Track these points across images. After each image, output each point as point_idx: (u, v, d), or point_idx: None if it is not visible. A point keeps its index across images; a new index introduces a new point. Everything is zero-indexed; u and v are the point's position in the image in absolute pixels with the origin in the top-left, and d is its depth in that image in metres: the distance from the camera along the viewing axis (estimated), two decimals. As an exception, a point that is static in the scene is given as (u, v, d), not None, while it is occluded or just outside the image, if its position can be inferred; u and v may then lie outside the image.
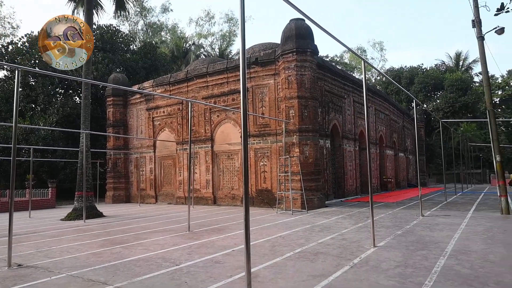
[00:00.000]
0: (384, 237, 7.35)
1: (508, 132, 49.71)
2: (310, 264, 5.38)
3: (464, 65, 49.15)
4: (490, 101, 12.21)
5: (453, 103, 40.73)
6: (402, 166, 29.80)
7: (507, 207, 11.05)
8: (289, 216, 11.60)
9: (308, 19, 5.28)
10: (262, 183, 15.44)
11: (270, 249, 6.47)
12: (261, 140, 15.54)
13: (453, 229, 8.21)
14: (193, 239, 7.68)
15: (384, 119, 25.37)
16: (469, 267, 5.01)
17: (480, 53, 12.02)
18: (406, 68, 48.52)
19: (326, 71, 17.06)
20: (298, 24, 14.21)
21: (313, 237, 7.60)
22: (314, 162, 14.03)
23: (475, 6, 11.64)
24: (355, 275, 4.77)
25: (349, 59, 51.46)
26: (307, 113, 14.00)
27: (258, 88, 15.79)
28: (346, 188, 18.77)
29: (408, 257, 5.67)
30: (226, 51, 44.09)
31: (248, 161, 13.73)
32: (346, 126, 19.12)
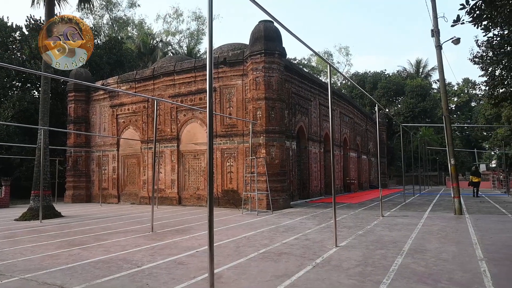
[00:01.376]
0: (346, 237, 7.56)
1: (463, 137, 52.62)
2: (273, 264, 5.44)
3: (423, 72, 51.52)
4: (446, 107, 12.87)
5: (413, 108, 42.56)
6: (364, 168, 30.75)
7: (460, 208, 11.69)
8: (254, 216, 11.65)
9: (276, 21, 5.34)
10: (228, 183, 15.41)
11: (234, 250, 6.47)
12: (228, 141, 15.51)
13: (410, 229, 8.57)
14: (156, 240, 7.54)
15: (349, 122, 26.08)
16: (424, 265, 5.25)
17: (438, 61, 12.65)
18: (370, 73, 50.16)
19: (293, 74, 17.30)
20: (267, 26, 14.31)
21: (277, 237, 7.68)
22: (280, 163, 14.18)
23: (434, 16, 12.23)
24: (317, 274, 4.86)
25: (316, 63, 52.44)
26: (274, 115, 14.13)
27: (226, 88, 15.75)
28: (311, 189, 19.11)
29: (368, 256, 5.86)
30: (195, 50, 43.63)
31: (214, 162, 13.61)
32: (312, 128, 19.48)
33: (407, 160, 34.14)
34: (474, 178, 20.80)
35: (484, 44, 12.56)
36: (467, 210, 12.68)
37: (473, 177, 21.09)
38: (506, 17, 8.11)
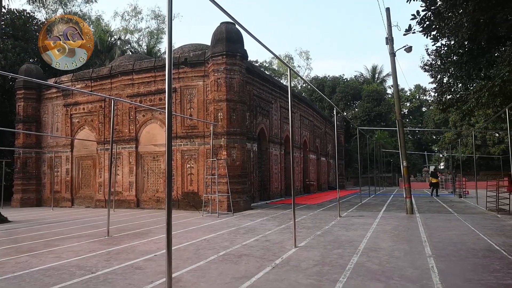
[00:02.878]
0: (305, 238, 7.71)
1: (414, 140, 55.47)
2: (233, 266, 5.43)
3: (379, 78, 53.73)
4: (399, 111, 13.52)
5: (369, 112, 44.28)
6: (323, 170, 31.54)
7: (411, 208, 12.32)
8: (215, 218, 11.58)
9: (237, 23, 5.36)
10: (189, 185, 15.21)
11: (194, 253, 6.40)
12: (188, 142, 15.32)
13: (366, 229, 8.90)
14: (112, 245, 7.28)
15: (308, 124, 26.65)
16: (378, 263, 5.47)
17: (392, 67, 13.27)
18: (329, 77, 51.57)
19: (255, 76, 17.42)
20: (229, 27, 14.32)
21: (237, 239, 7.68)
22: (241, 165, 14.21)
23: (388, 25, 12.83)
24: (276, 275, 4.92)
25: (277, 66, 53.06)
26: (235, 116, 14.14)
27: (186, 89, 15.55)
28: (272, 190, 19.31)
29: (326, 256, 6.02)
30: (155, 49, 42.64)
31: (174, 163, 13.39)
32: (273, 131, 19.70)
33: (363, 162, 35.45)
34: (433, 179, 22.67)
35: (433, 53, 13.34)
36: (418, 210, 13.37)
37: (432, 178, 23.00)
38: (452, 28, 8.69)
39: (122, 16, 43.59)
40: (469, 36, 10.05)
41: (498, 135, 35.21)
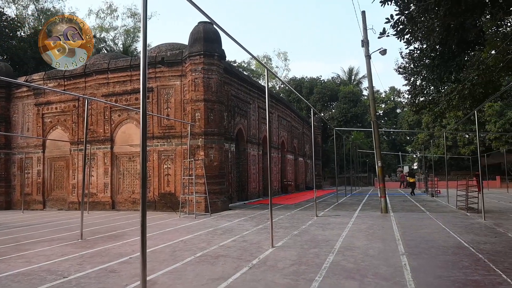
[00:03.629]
0: (282, 238, 7.76)
1: (389, 140, 56.80)
2: (210, 267, 5.41)
3: (355, 80, 54.74)
4: (374, 113, 13.81)
5: (345, 113, 45.01)
6: (301, 170, 31.83)
7: (386, 207, 12.61)
8: (192, 219, 11.49)
9: (214, 23, 5.34)
10: (166, 186, 15.02)
11: (170, 254, 6.33)
12: (165, 142, 15.13)
13: (342, 228, 9.05)
14: (85, 248, 7.10)
15: (286, 125, 26.83)
16: (353, 262, 5.57)
17: (367, 70, 13.55)
18: (307, 78, 52.08)
19: (233, 76, 17.40)
20: (207, 27, 14.24)
21: (215, 240, 7.65)
22: (219, 165, 14.16)
23: (364, 28, 13.09)
24: (253, 275, 4.93)
25: (255, 66, 53.16)
26: (213, 117, 14.08)
27: (163, 88, 15.35)
28: (250, 191, 19.33)
29: (302, 255, 6.08)
30: (131, 48, 41.89)
31: (150, 164, 13.17)
32: (251, 131, 19.72)
33: (340, 162, 36.00)
34: (410, 179, 23.85)
35: (406, 56, 13.71)
36: (392, 209, 13.70)
37: (409, 178, 24.15)
38: (425, 32, 8.96)
39: (97, 14, 42.56)
40: (441, 40, 10.40)
41: (468, 136, 36.54)
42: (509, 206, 14.65)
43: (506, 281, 4.49)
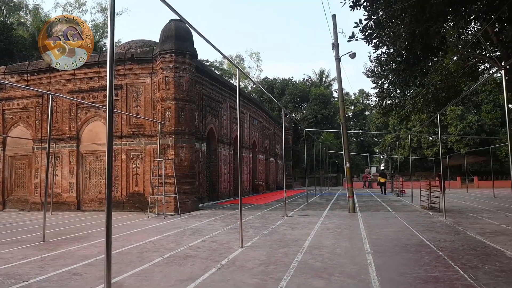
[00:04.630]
0: (251, 237, 7.79)
1: (358, 142, 58.23)
2: (179, 268, 5.35)
3: (326, 82, 55.71)
4: (344, 114, 14.12)
5: (316, 114, 45.73)
6: (272, 170, 32.05)
7: (353, 207, 12.93)
8: (161, 220, 11.32)
9: (185, 21, 5.29)
10: (134, 186, 14.70)
11: (137, 256, 6.20)
12: (134, 141, 14.80)
13: (311, 227, 9.19)
14: (48, 250, 6.84)
15: (258, 125, 26.93)
16: (320, 261, 5.68)
17: (337, 72, 13.84)
18: (279, 79, 52.48)
19: (204, 75, 17.27)
20: (178, 25, 14.06)
21: (184, 240, 7.57)
22: (189, 165, 14.01)
23: (334, 31, 13.36)
24: (222, 276, 4.93)
25: (228, 66, 53.04)
26: (184, 116, 13.92)
27: (133, 86, 15.02)
28: (220, 191, 19.26)
29: (271, 255, 6.13)
30: (99, 44, 40.67)
31: (119, 163, 12.84)
32: (222, 131, 19.66)
33: (310, 162, 36.54)
34: (381, 179, 25.01)
35: (375, 60, 14.11)
36: (360, 209, 14.06)
37: (380, 178, 25.28)
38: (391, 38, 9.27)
39: (63, 7, 41.02)
40: (406, 46, 10.79)
41: (432, 138, 38.08)
42: (468, 205, 15.39)
43: (463, 276, 4.73)
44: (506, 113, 6.79)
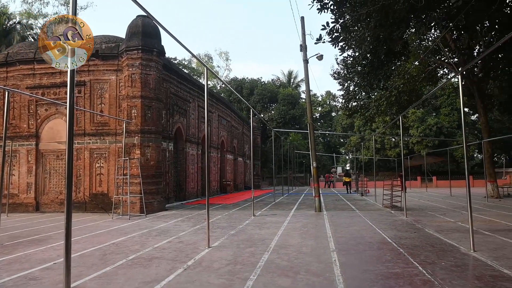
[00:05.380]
0: (219, 238, 7.75)
1: (325, 142, 59.39)
2: (143, 270, 5.23)
3: (294, 83, 56.43)
4: (311, 115, 14.36)
5: (284, 115, 46.22)
6: (240, 170, 32.05)
7: (320, 206, 13.18)
8: (126, 221, 11.03)
9: (152, 18, 5.19)
10: (98, 186, 14.23)
11: (100, 258, 6.01)
12: (98, 140, 14.33)
13: (277, 227, 9.28)
14: (2, 254, 6.48)
15: (226, 125, 26.85)
16: (287, 260, 5.74)
17: (305, 73, 14.03)
18: (248, 79, 52.60)
19: (172, 73, 17.00)
20: (146, 21, 13.75)
21: (149, 242, 7.42)
22: (155, 164, 13.75)
23: (302, 33, 13.53)
24: (188, 277, 4.87)
25: (196, 65, 52.50)
26: (150, 114, 13.64)
27: (97, 83, 14.54)
28: (188, 191, 19.03)
29: (238, 254, 6.13)
30: (62, 38, 38.94)
31: (82, 162, 12.38)
32: (190, 130, 19.43)
33: (278, 162, 36.87)
34: (346, 178, 26.00)
35: (341, 63, 14.46)
36: (326, 208, 14.35)
37: (345, 177, 26.20)
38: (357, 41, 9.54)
39: (23, -1, 39.01)
40: (371, 50, 11.14)
41: (394, 139, 39.51)
42: (428, 204, 16.09)
43: (422, 272, 4.94)
44: (462, 116, 7.16)
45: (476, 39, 12.12)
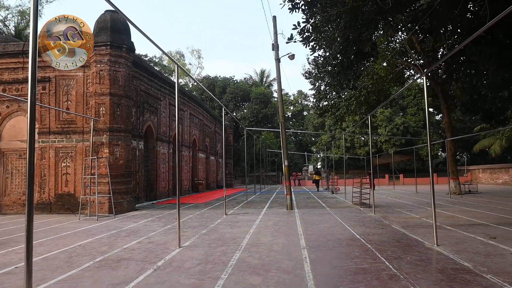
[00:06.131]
0: (190, 237, 7.68)
1: (297, 141, 60.06)
2: (111, 272, 5.10)
3: (267, 82, 56.67)
4: (283, 114, 14.47)
5: (257, 113, 46.33)
6: (212, 169, 31.86)
7: (291, 204, 13.31)
8: (93, 222, 10.71)
9: (120, 13, 5.06)
10: (64, 186, 13.73)
11: (66, 261, 5.81)
12: (64, 138, 13.83)
13: (249, 225, 9.29)
14: (-41, 259, 6.14)
15: (198, 123, 26.61)
16: (258, 258, 5.76)
17: (276, 72, 14.12)
18: (220, 78, 52.31)
19: (142, 71, 16.65)
20: (114, 16, 13.39)
21: (118, 243, 7.24)
22: (125, 163, 13.43)
23: (274, 32, 13.62)
24: (157, 277, 4.79)
25: (168, 62, 51.68)
26: (119, 112, 13.30)
27: (63, 79, 14.02)
28: (159, 190, 18.72)
29: (210, 254, 6.09)
30: (25, 32, 37.32)
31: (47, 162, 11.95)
32: (161, 128, 19.12)
33: (251, 161, 36.94)
34: (316, 177, 26.74)
35: (312, 62, 14.66)
36: (297, 206, 14.51)
37: (315, 175, 26.96)
38: (328, 41, 9.70)
39: (-18, -12, 37.02)
40: (341, 50, 11.37)
41: (364, 138, 40.51)
42: (395, 201, 16.61)
43: (388, 267, 5.09)
44: (426, 116, 7.44)
45: (440, 42, 12.61)
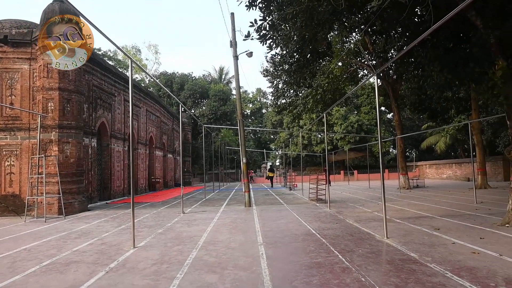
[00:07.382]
0: (145, 237, 7.49)
1: (256, 138, 60.42)
2: (59, 276, 4.85)
3: (226, 79, 56.46)
4: (241, 111, 14.49)
5: (215, 111, 46.04)
6: (170, 167, 31.26)
7: (249, 201, 13.38)
8: (41, 224, 10.13)
9: (68, 3, 4.80)
10: (8, 187, 12.85)
11: (8, 266, 5.45)
12: (8, 135, 12.94)
13: (207, 223, 9.23)
14: None
15: (155, 120, 25.97)
16: (215, 256, 5.74)
17: (235, 70, 14.10)
18: (178, 74, 51.37)
19: (95, 65, 15.96)
20: (64, 7, 12.68)
21: (67, 245, 6.90)
22: (76, 162, 12.82)
23: (232, 29, 13.58)
24: (110, 280, 4.63)
25: (123, 57, 49.88)
26: (70, 108, 12.66)
27: (7, 72, 13.09)
28: (113, 189, 18.07)
29: (165, 253, 5.98)
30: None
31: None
32: (116, 125, 18.45)
33: (209, 159, 36.64)
34: (270, 173, 28.04)
35: (270, 60, 14.79)
36: (255, 203, 14.62)
37: (269, 172, 28.30)
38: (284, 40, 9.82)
39: None
40: (298, 49, 11.56)
41: (320, 136, 41.57)
42: (349, 196, 17.22)
43: (341, 260, 5.27)
44: (377, 114, 7.77)
45: (390, 44, 13.21)
